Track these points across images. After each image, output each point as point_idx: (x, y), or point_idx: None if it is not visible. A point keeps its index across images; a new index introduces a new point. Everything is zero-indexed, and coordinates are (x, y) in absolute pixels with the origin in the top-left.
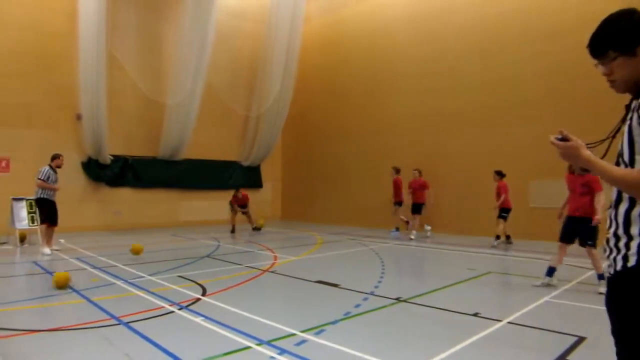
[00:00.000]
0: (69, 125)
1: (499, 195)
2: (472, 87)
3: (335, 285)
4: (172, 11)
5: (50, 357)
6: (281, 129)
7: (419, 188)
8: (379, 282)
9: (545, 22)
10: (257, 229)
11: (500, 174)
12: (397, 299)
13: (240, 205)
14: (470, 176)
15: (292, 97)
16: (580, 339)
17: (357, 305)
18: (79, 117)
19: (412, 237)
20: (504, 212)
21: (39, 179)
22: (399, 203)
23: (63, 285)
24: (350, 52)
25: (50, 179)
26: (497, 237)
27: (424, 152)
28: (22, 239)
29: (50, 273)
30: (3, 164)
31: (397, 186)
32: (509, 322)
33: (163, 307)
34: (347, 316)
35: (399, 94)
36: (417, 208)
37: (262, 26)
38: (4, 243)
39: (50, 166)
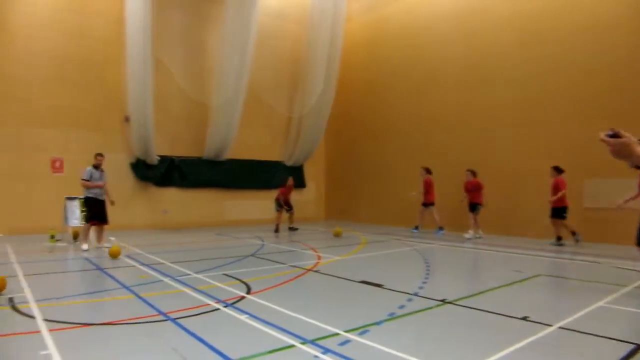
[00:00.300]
0: (117, 127)
1: (555, 192)
2: (517, 81)
3: (379, 286)
4: (215, 13)
5: (102, 349)
6: (324, 128)
7: (473, 189)
8: (424, 283)
9: (595, 15)
10: (293, 228)
11: (558, 170)
12: (442, 300)
13: (285, 201)
14: (515, 175)
15: (335, 96)
16: (638, 347)
17: (402, 306)
18: (127, 119)
19: (468, 236)
20: (562, 211)
21: (82, 179)
22: (431, 203)
23: None
24: (391, 50)
25: (93, 177)
26: (574, 233)
27: (467, 150)
28: (76, 237)
29: (102, 269)
30: (57, 164)
31: (428, 186)
32: (560, 327)
33: (209, 304)
34: (392, 317)
35: (441, 92)
36: (473, 207)
37: (303, 27)
38: (59, 240)
39: (94, 165)
